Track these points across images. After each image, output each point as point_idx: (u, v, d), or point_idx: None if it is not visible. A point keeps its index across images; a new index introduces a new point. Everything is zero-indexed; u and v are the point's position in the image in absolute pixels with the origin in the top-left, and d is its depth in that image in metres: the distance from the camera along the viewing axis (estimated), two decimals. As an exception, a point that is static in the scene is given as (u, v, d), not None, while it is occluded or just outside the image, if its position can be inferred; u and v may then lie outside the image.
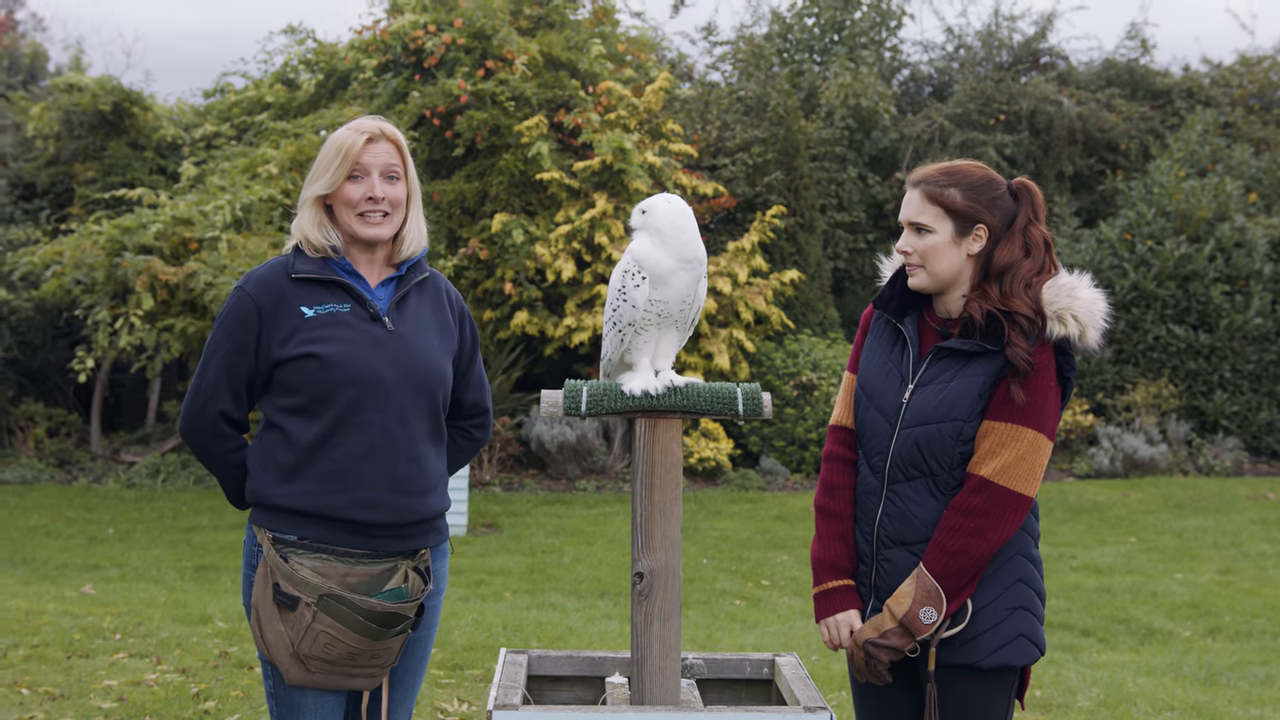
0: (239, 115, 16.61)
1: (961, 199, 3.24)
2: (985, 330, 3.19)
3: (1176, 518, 12.95)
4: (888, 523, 3.28)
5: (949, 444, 3.20)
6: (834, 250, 17.67)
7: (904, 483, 3.25)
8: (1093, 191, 19.17)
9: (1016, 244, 3.23)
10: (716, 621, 8.65)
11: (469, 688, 6.39)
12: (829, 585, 3.35)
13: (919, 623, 3.16)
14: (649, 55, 17.89)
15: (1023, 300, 3.18)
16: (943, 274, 3.27)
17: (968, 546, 3.15)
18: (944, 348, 3.25)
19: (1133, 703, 6.51)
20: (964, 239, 3.26)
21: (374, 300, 3.38)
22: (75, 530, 11.57)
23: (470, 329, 3.59)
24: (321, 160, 3.39)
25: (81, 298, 13.46)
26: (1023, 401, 3.16)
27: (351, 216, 3.36)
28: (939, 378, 3.24)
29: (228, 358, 3.32)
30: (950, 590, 3.16)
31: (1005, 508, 3.15)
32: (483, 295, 14.84)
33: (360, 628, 3.20)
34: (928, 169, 3.33)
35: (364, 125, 3.40)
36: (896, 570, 3.25)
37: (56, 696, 5.97)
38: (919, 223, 3.27)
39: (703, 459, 14.27)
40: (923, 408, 3.23)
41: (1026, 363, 3.14)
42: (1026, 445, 3.16)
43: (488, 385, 3.70)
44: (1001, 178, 3.32)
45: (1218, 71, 20.76)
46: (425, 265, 3.53)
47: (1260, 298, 16.07)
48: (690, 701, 3.52)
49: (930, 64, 21.30)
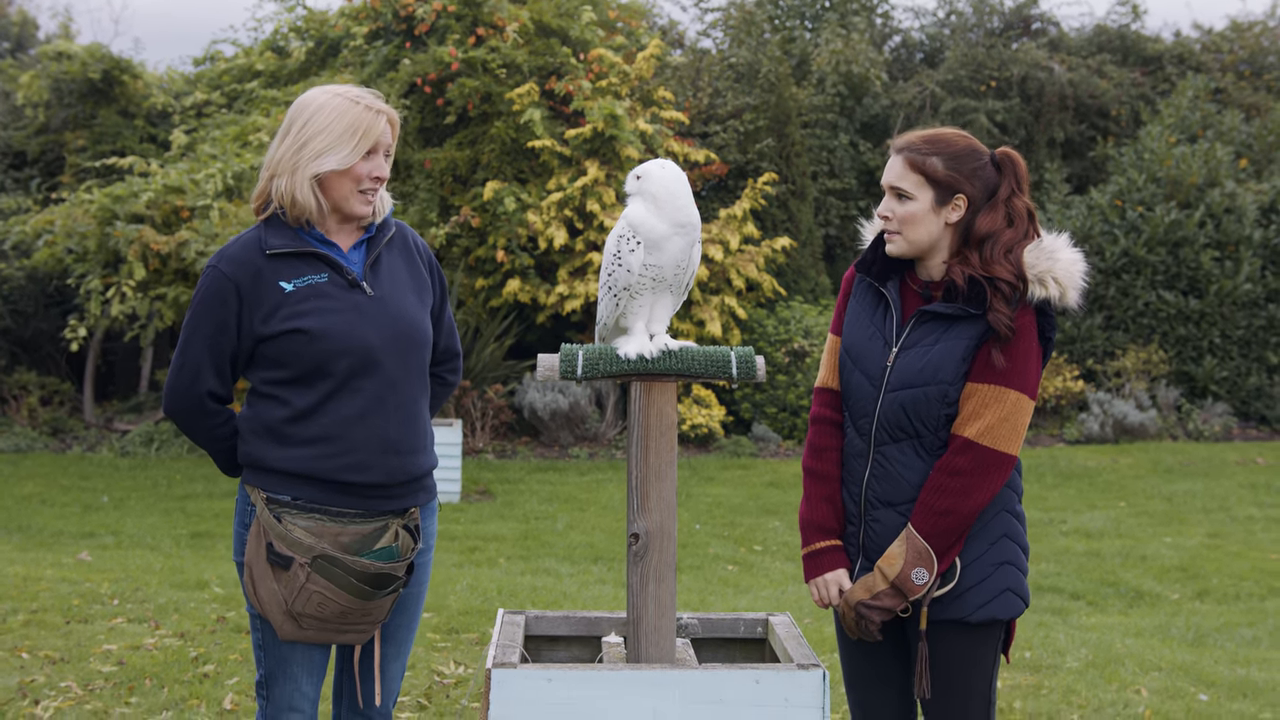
0: (229, 83, 16.57)
1: (943, 168, 3.26)
2: (968, 294, 3.23)
3: (1166, 482, 13.04)
4: (875, 484, 3.32)
5: (934, 406, 3.24)
6: (825, 217, 17.69)
7: (890, 444, 3.30)
8: (1083, 158, 19.20)
9: (999, 214, 3.25)
10: (709, 586, 8.72)
11: (465, 650, 6.45)
12: (817, 546, 3.40)
13: (911, 583, 3.22)
14: (640, 22, 17.86)
15: (1004, 266, 3.21)
16: (920, 241, 3.29)
17: (955, 506, 3.20)
18: (927, 311, 3.28)
19: (1121, 663, 6.58)
20: (943, 208, 3.27)
21: (350, 266, 3.37)
22: (70, 498, 11.61)
23: (439, 276, 3.60)
24: (327, 132, 3.29)
25: (73, 266, 13.46)
26: (1005, 365, 3.20)
27: (352, 192, 3.33)
28: (922, 341, 3.28)
29: (210, 337, 3.30)
30: (940, 549, 3.21)
31: (990, 467, 3.21)
32: (475, 263, 14.85)
33: (353, 589, 3.25)
34: (912, 135, 3.34)
35: (372, 102, 3.33)
36: (885, 530, 3.30)
37: (57, 660, 6.03)
38: (900, 188, 3.29)
39: (695, 425, 14.33)
40: (907, 371, 3.26)
41: (1008, 328, 3.18)
42: (1009, 406, 3.21)
43: (455, 328, 3.73)
44: (985, 148, 3.34)
45: (1209, 37, 20.76)
46: (391, 221, 3.51)
47: (1250, 263, 16.13)
48: (685, 660, 3.58)
49: (921, 30, 21.27)
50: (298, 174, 3.30)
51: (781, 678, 3.26)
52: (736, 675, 3.25)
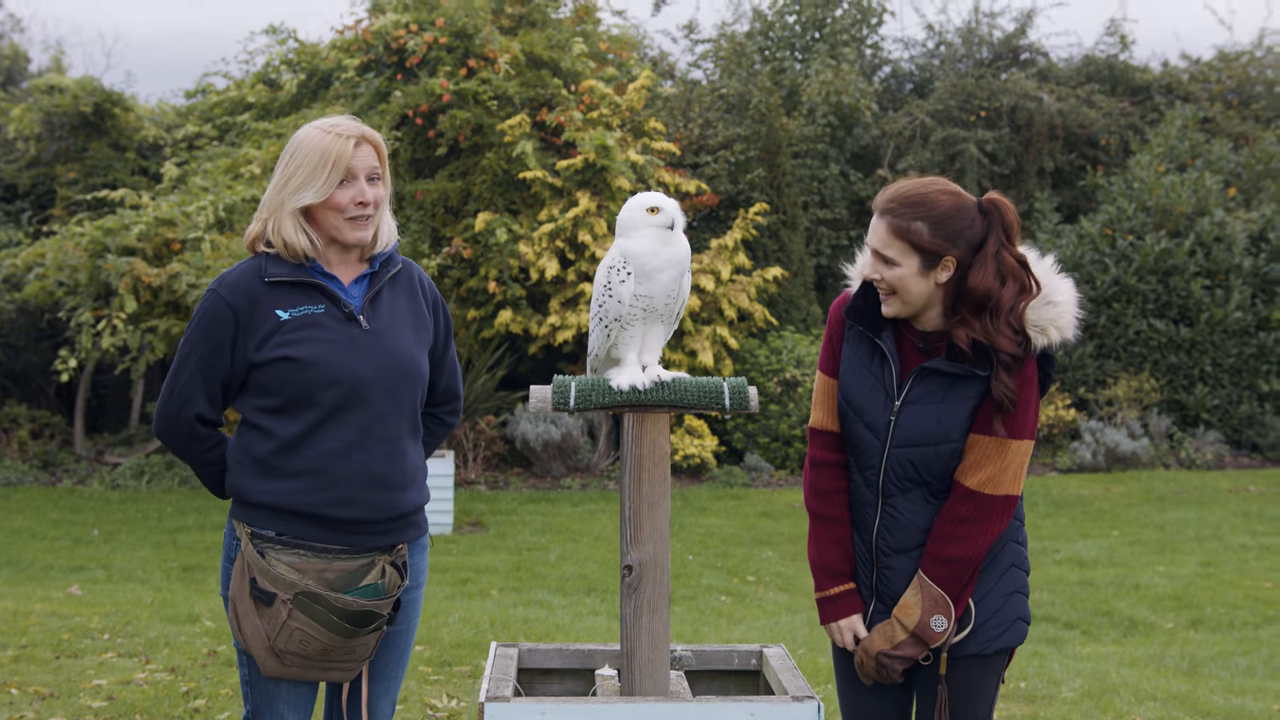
0: (221, 115, 16.58)
1: (929, 235, 3.19)
2: (973, 356, 3.22)
3: (1158, 511, 13.03)
4: (886, 533, 3.32)
5: (945, 461, 3.26)
6: (816, 247, 17.71)
7: (899, 495, 3.30)
8: (1073, 187, 19.25)
9: (989, 270, 3.17)
10: (702, 617, 8.69)
11: (458, 684, 6.42)
12: (831, 591, 3.39)
13: (931, 631, 3.23)
14: (631, 53, 17.92)
15: (1007, 338, 3.17)
16: (915, 302, 3.26)
17: (963, 553, 3.22)
18: (929, 368, 3.26)
19: (1116, 693, 6.56)
20: (931, 270, 3.22)
21: (348, 299, 3.37)
22: (60, 532, 11.56)
23: (444, 317, 3.59)
24: (304, 167, 3.31)
25: (64, 299, 13.43)
26: (1008, 423, 3.23)
27: (340, 221, 3.33)
28: (926, 397, 3.26)
29: (204, 360, 3.31)
30: (954, 594, 3.24)
31: (994, 511, 3.24)
32: (466, 294, 14.85)
33: (334, 626, 3.23)
34: (895, 195, 3.24)
35: (346, 128, 3.34)
36: (897, 576, 3.32)
37: (46, 696, 5.98)
38: (885, 255, 3.23)
39: (688, 456, 14.31)
40: (915, 429, 3.25)
41: (1010, 400, 3.19)
42: (1011, 454, 3.23)
43: (459, 371, 3.72)
44: (971, 199, 3.25)
45: (1197, 67, 20.86)
46: (397, 257, 3.50)
47: (1240, 292, 16.16)
48: (679, 693, 3.56)
49: (911, 61, 21.35)
50: (283, 211, 3.33)
51: (776, 710, 3.25)
52: (731, 708, 3.23)
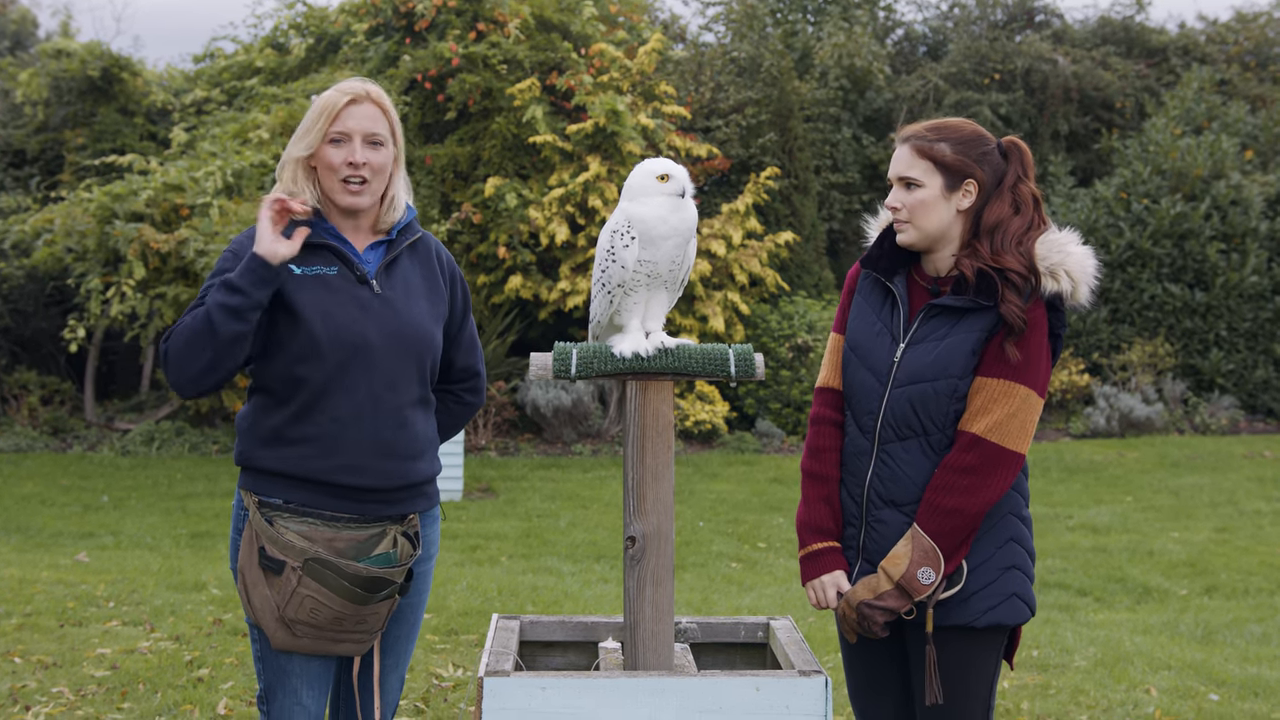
0: (229, 80, 16.50)
1: (951, 153, 3.20)
2: (977, 287, 3.15)
3: (1172, 476, 12.95)
4: (878, 483, 3.24)
5: (943, 402, 3.16)
6: (828, 211, 17.60)
7: (895, 442, 3.22)
8: (1088, 150, 19.10)
9: (1006, 201, 3.20)
10: (712, 584, 8.64)
11: (464, 652, 6.38)
12: (814, 547, 3.31)
13: (917, 583, 3.13)
14: (641, 17, 17.77)
15: (1015, 257, 3.15)
16: (931, 230, 3.22)
17: (962, 504, 3.11)
18: (936, 305, 3.21)
19: (1130, 661, 6.50)
20: (954, 193, 3.21)
21: (361, 263, 3.33)
22: (70, 498, 11.55)
23: (462, 291, 3.53)
24: (305, 121, 3.34)
25: (73, 266, 13.39)
26: (1016, 359, 3.12)
27: (334, 181, 3.30)
28: (931, 335, 3.20)
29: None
30: (946, 549, 3.13)
31: (998, 465, 3.12)
32: (476, 260, 14.78)
33: (345, 592, 3.16)
34: (916, 125, 3.30)
35: (348, 86, 3.33)
36: (888, 531, 3.22)
37: (49, 665, 5.95)
38: (909, 177, 3.23)
39: (698, 422, 14.25)
40: (916, 366, 3.18)
41: (1020, 320, 3.10)
42: (1018, 402, 3.13)
43: (480, 348, 3.64)
44: (991, 135, 3.30)
45: (1214, 28, 20.65)
46: (416, 226, 3.46)
47: (1256, 255, 16.03)
48: (684, 666, 3.50)
49: (924, 23, 21.17)
50: (288, 163, 3.35)
51: (782, 685, 3.18)
52: (736, 682, 3.17)
